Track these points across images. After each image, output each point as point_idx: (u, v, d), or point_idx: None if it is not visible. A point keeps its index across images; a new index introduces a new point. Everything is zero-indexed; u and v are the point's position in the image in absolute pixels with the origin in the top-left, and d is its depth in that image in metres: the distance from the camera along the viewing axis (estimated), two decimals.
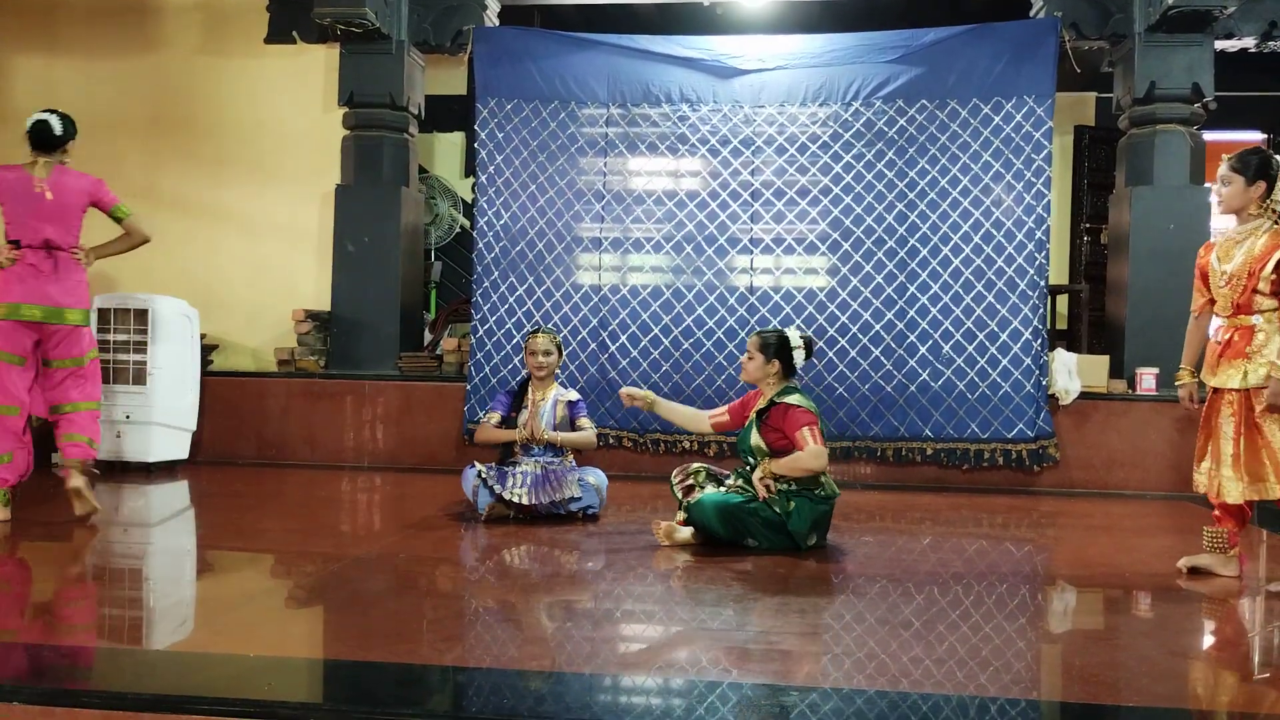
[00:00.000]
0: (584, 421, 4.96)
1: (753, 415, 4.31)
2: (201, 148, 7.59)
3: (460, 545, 4.44)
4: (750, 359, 4.31)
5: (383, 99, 7.03)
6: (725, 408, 4.59)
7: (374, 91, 7.01)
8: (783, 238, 6.48)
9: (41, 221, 4.54)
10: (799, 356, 4.30)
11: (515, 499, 4.63)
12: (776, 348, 4.28)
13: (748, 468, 4.30)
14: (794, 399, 4.19)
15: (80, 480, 4.50)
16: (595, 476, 4.89)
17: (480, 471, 4.72)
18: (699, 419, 4.59)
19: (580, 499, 4.75)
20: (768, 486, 4.14)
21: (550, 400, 4.98)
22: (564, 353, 5.13)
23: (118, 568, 3.98)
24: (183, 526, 4.96)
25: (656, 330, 6.49)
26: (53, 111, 4.64)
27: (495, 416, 4.98)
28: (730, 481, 4.39)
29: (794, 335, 4.30)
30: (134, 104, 7.62)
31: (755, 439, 4.23)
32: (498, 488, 4.66)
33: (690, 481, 4.46)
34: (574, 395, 5.08)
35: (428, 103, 7.53)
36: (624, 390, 4.52)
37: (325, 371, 6.97)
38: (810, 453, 4.05)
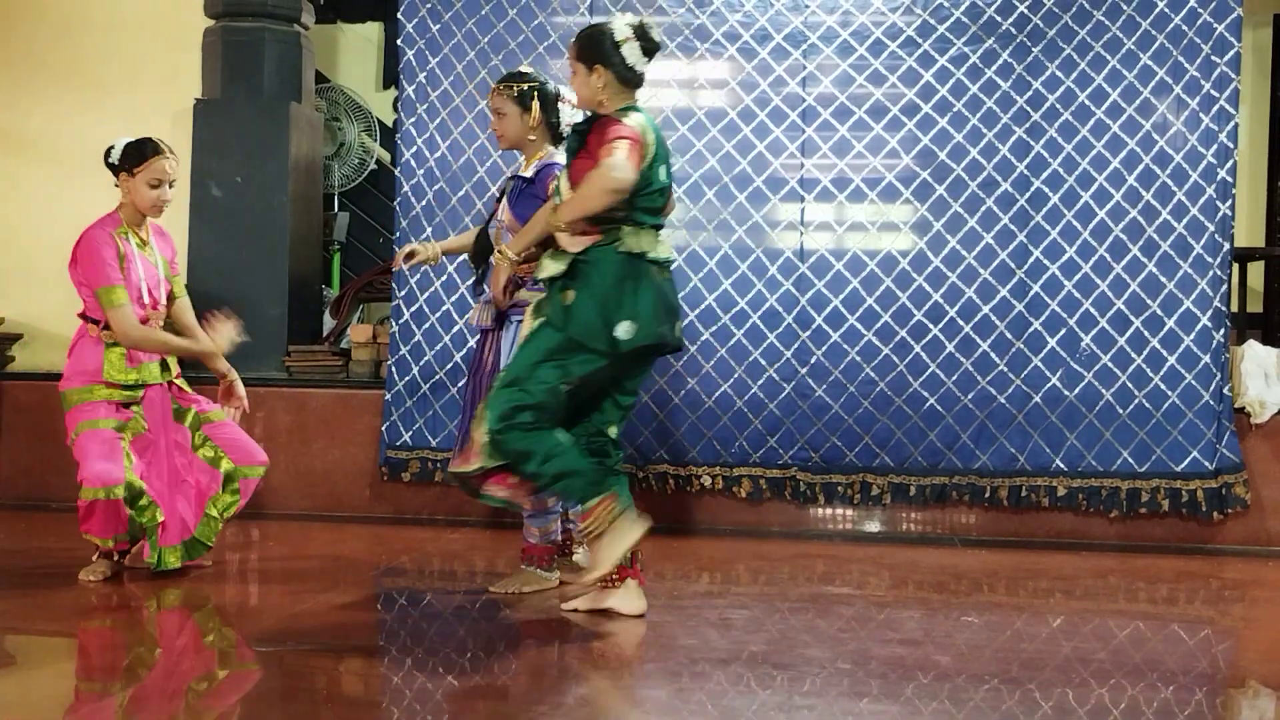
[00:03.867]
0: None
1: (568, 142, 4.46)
2: None
3: (379, 626, 4.42)
4: (574, 75, 4.37)
5: None
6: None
7: None
8: (848, 178, 6.46)
9: None
10: (632, 53, 4.28)
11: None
12: (612, 44, 4.27)
13: None
14: (631, 118, 4.24)
15: None
16: None
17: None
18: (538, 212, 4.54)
19: None
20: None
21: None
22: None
23: None
24: None
25: None
26: None
27: None
28: None
29: (620, 25, 4.30)
30: None
31: (565, 186, 4.32)
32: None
33: None
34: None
35: None
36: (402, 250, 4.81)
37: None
38: (603, 167, 4.10)
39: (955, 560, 5.78)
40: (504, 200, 4.84)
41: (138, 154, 4.90)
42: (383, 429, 6.60)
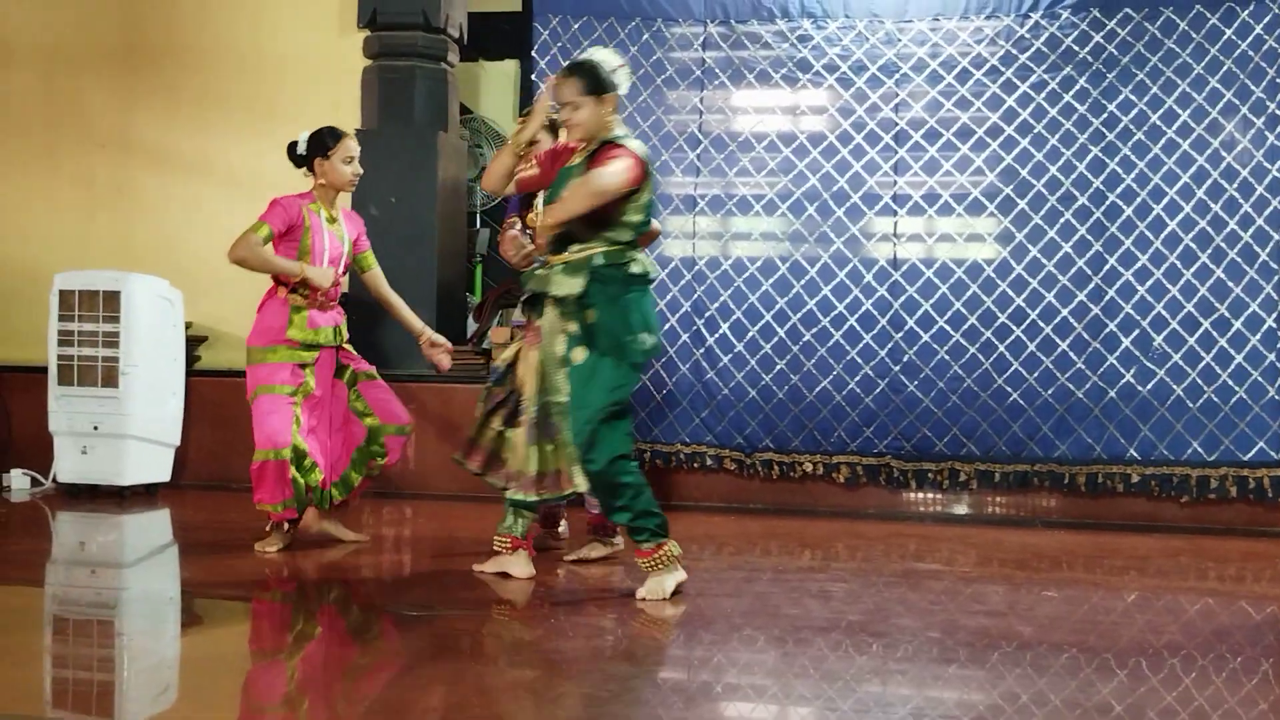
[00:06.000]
0: None
1: (578, 161, 4.28)
2: (185, 84, 7.75)
3: (514, 592, 4.47)
4: (577, 108, 4.22)
5: (414, 18, 7.12)
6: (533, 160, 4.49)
7: (403, 9, 7.10)
8: (937, 194, 6.41)
9: None
10: (622, 77, 4.29)
11: None
12: (605, 76, 4.23)
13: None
14: (633, 144, 4.23)
15: None
16: None
17: None
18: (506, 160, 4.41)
19: None
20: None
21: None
22: None
23: (82, 618, 4.08)
24: (164, 567, 5.08)
25: (769, 317, 6.47)
26: None
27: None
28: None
29: (607, 55, 4.29)
30: (101, 30, 7.81)
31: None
32: None
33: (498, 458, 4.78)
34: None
35: (472, 23, 7.59)
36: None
37: None
38: (592, 174, 4.09)
39: (1036, 540, 5.70)
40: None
41: (328, 140, 5.04)
42: None
